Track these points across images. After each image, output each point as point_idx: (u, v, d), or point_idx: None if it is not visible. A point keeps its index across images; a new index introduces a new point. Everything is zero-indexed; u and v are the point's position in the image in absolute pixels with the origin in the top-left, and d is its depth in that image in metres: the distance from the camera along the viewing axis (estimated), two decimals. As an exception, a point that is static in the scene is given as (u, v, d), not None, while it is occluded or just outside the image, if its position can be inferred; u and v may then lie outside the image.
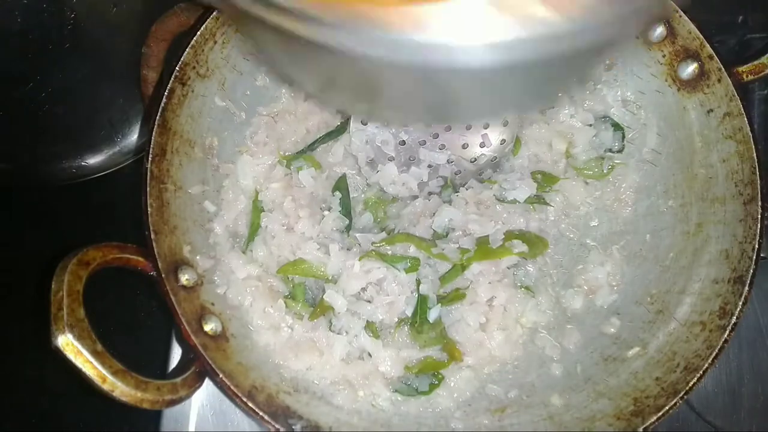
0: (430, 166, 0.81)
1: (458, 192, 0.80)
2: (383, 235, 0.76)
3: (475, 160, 0.81)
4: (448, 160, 0.81)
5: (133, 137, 0.98)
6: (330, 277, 0.75)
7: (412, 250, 0.74)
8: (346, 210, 0.79)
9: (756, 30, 0.97)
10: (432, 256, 0.75)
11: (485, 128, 0.80)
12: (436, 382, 0.74)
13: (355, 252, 0.75)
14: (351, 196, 0.81)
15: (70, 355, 0.55)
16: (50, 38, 0.86)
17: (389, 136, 0.79)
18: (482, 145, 0.81)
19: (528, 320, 0.77)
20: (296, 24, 0.33)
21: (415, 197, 0.81)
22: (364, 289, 0.74)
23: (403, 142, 0.80)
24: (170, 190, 0.70)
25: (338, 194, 0.79)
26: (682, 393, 0.64)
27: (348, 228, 0.78)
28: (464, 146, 0.81)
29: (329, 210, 0.78)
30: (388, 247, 0.75)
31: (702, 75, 0.75)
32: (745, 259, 0.68)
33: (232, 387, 0.61)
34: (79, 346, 0.55)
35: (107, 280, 0.62)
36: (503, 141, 0.80)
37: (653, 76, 0.79)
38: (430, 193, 0.81)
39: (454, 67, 0.33)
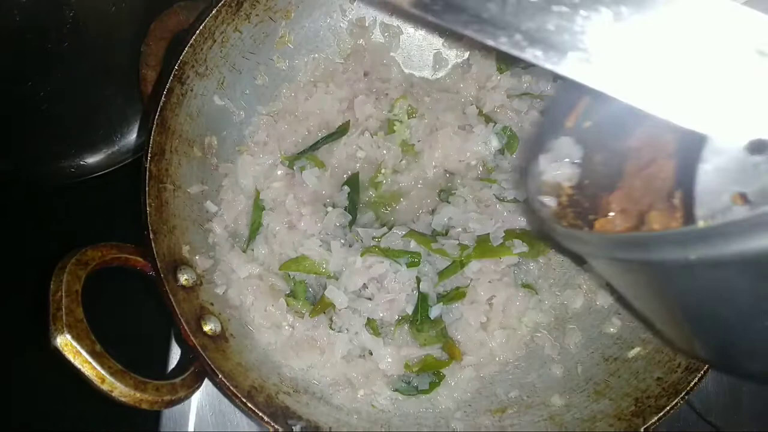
0: None
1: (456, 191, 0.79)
2: (384, 230, 0.76)
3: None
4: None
5: (132, 136, 0.98)
6: (332, 274, 0.75)
7: (413, 246, 0.74)
8: (353, 206, 0.79)
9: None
10: (432, 252, 0.74)
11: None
12: (437, 381, 0.73)
13: (357, 248, 0.74)
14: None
15: (69, 356, 0.54)
16: (49, 38, 0.86)
17: None
18: None
19: (529, 320, 0.76)
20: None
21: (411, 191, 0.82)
22: (365, 286, 0.74)
23: None
24: (169, 190, 0.70)
25: (346, 189, 0.79)
26: (684, 393, 0.64)
27: (351, 224, 0.78)
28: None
29: (333, 207, 0.78)
30: (390, 241, 0.75)
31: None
32: (747, 258, 0.68)
33: (231, 387, 0.61)
34: (78, 347, 0.54)
35: (107, 280, 0.62)
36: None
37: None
38: None
39: None
